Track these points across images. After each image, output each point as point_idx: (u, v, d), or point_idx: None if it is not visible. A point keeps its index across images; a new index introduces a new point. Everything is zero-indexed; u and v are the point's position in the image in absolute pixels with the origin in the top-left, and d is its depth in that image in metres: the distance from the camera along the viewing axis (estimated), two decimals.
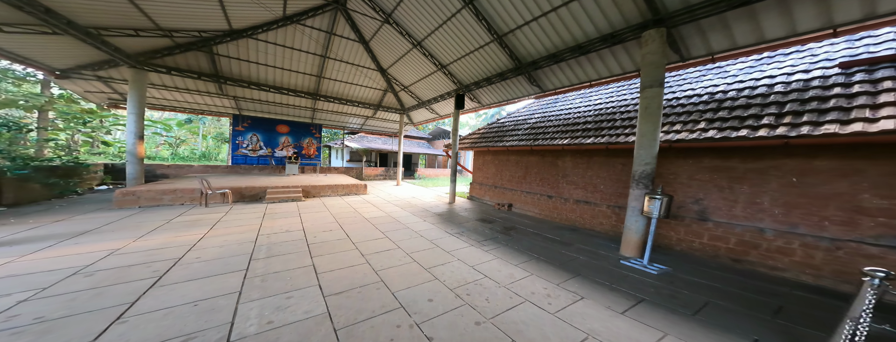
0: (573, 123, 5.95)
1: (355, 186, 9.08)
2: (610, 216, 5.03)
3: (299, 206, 6.74)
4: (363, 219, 5.80)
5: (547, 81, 6.37)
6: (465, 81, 8.07)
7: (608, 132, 4.95)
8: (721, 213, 3.72)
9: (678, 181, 4.15)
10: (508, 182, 7.56)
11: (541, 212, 6.43)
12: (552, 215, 6.15)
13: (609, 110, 5.70)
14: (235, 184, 7.44)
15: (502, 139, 7.39)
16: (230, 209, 5.96)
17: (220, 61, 7.88)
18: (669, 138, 3.87)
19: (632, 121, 4.90)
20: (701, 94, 4.44)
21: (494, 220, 6.08)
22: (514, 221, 6.02)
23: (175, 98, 9.36)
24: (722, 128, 3.55)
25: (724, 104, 3.92)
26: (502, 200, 7.68)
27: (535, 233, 5.13)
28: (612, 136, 4.74)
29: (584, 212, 5.46)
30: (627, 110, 5.31)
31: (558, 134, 5.85)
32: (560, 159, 6.03)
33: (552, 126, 6.37)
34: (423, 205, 7.77)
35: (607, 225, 5.08)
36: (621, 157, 4.87)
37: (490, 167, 8.41)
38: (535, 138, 6.27)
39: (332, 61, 9.22)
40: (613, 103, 5.94)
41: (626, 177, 4.80)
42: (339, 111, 12.62)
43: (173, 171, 9.50)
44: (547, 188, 6.31)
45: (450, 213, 6.73)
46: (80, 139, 19.77)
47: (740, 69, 4.55)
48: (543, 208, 6.39)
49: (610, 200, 5.05)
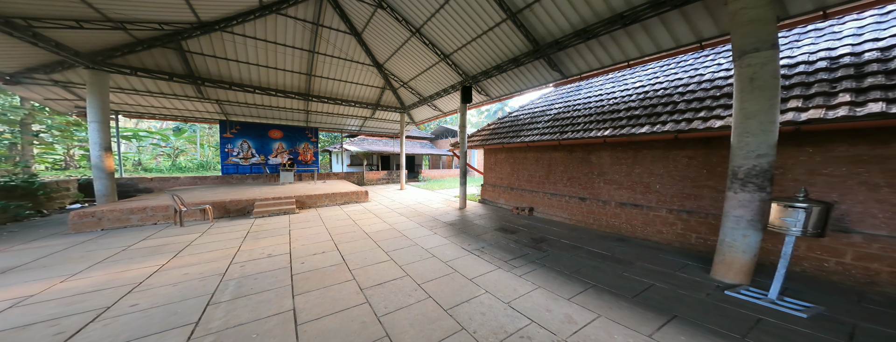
0: (611, 111, 4.97)
1: (355, 193, 8.22)
2: (672, 223, 4.03)
3: (291, 220, 5.89)
4: (363, 234, 4.92)
5: (571, 65, 5.42)
6: (472, 71, 7.15)
7: (669, 118, 3.92)
8: (877, 223, 2.68)
9: (789, 177, 3.12)
10: (527, 183, 6.62)
11: (571, 216, 5.49)
12: (587, 221, 5.21)
13: (660, 93, 4.66)
14: (219, 197, 6.61)
15: (518, 134, 6.45)
16: (209, 227, 5.12)
17: (193, 60, 7.05)
18: (791, 119, 2.80)
19: (701, 102, 3.87)
20: (813, 60, 3.32)
21: (517, 229, 5.16)
22: (542, 230, 5.09)
23: (151, 104, 8.57)
24: (886, 99, 2.45)
25: (865, 69, 2.82)
26: (521, 203, 6.74)
27: (573, 245, 4.20)
28: (678, 123, 3.73)
29: (633, 218, 4.51)
30: (688, 90, 4.30)
31: (593, 124, 4.90)
32: (593, 154, 5.08)
33: (582, 116, 5.42)
34: (432, 212, 6.87)
35: (669, 234, 4.08)
36: (688, 149, 3.88)
37: (504, 166, 7.48)
38: (562, 131, 5.33)
39: (322, 57, 8.37)
40: (664, 84, 4.88)
41: (695, 174, 3.83)
42: (335, 112, 11.78)
43: (157, 184, 8.75)
44: (578, 189, 5.37)
45: (463, 222, 5.82)
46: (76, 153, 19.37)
47: (861, 26, 3.39)
48: (574, 212, 5.45)
49: (671, 203, 4.06)
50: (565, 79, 5.73)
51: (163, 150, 22.91)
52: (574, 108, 6.01)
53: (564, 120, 5.73)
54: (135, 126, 23.18)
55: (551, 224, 5.51)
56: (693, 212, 3.84)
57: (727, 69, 4.22)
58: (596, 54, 4.87)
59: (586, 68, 5.25)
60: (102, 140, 5.86)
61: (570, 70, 5.52)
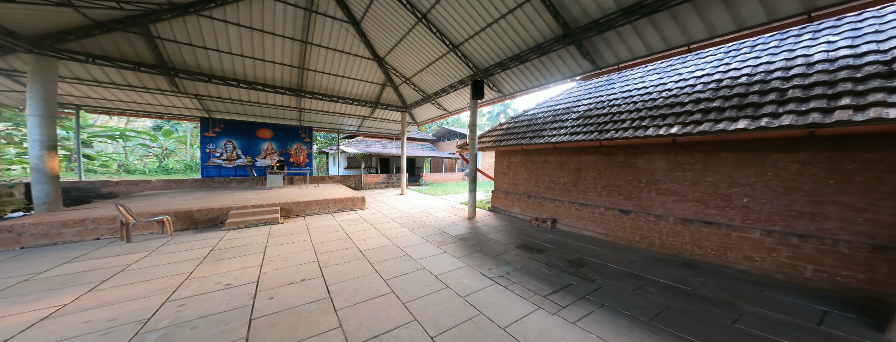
0: (670, 104, 4.02)
1: (351, 200, 7.26)
2: (772, 249, 3.05)
3: (271, 233, 4.92)
4: (357, 252, 3.97)
5: (607, 53, 4.57)
6: (484, 64, 6.35)
7: (782, 110, 2.82)
8: None
9: None
10: (549, 190, 5.72)
11: (607, 232, 4.57)
12: (631, 238, 4.27)
13: (745, 80, 3.56)
14: (186, 205, 5.62)
15: (540, 134, 5.58)
16: (163, 244, 4.13)
17: (165, 48, 6.15)
18: None
19: (832, 87, 2.76)
20: None
21: (544, 247, 4.24)
22: (575, 248, 4.17)
23: (119, 98, 7.61)
24: None
25: None
26: (541, 214, 5.82)
27: (628, 272, 3.27)
28: (801, 115, 2.68)
29: (704, 238, 3.53)
30: (796, 74, 3.16)
31: (646, 121, 3.98)
32: (640, 158, 4.19)
33: (626, 112, 4.52)
34: (437, 222, 5.94)
35: (766, 262, 3.09)
36: (801, 151, 2.88)
37: (519, 171, 6.60)
38: (601, 130, 4.44)
39: (316, 48, 7.54)
40: (745, 69, 3.76)
41: (812, 186, 2.84)
42: (331, 111, 10.91)
43: (124, 188, 7.73)
44: (618, 199, 4.46)
45: (475, 236, 4.90)
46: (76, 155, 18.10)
47: None
48: (612, 227, 4.53)
49: (769, 222, 3.07)
50: (597, 70, 4.88)
51: (151, 150, 21.80)
52: (611, 103, 5.11)
53: (600, 117, 4.84)
54: (123, 124, 22.11)
55: (582, 240, 4.60)
56: (809, 237, 2.85)
57: (850, 46, 3.12)
58: (645, 37, 4.02)
59: (628, 56, 4.37)
60: (45, 137, 4.89)
61: (605, 59, 4.67)
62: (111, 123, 22.42)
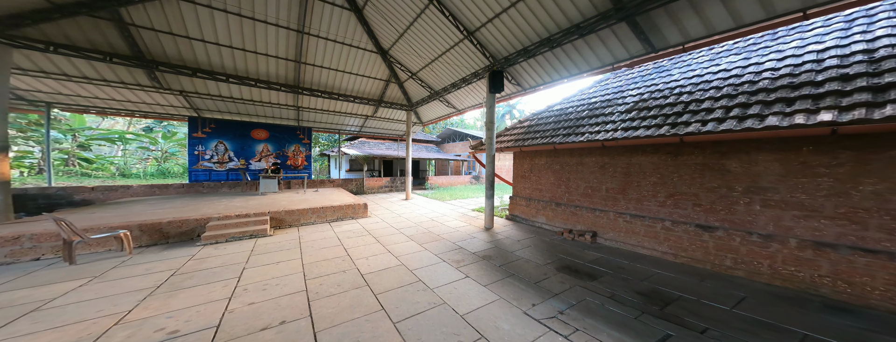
0: (781, 87, 2.99)
1: (351, 207, 6.44)
2: None
3: (255, 249, 4.10)
4: (357, 277, 3.13)
5: (671, 30, 3.57)
6: (504, 52, 5.55)
7: None
8: None
9: None
10: (585, 197, 4.83)
11: (677, 252, 3.60)
12: (717, 262, 3.27)
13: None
14: (156, 216, 4.83)
15: (576, 131, 4.70)
16: (116, 265, 3.32)
17: (141, 36, 5.43)
18: None
19: None
20: None
21: (595, 271, 3.34)
22: (638, 273, 3.26)
23: (94, 94, 6.90)
24: None
25: None
26: (574, 226, 4.92)
27: (753, 319, 2.32)
28: None
29: (862, 273, 2.50)
30: None
31: (754, 107, 2.93)
32: (733, 159, 3.20)
33: (708, 99, 3.50)
34: (451, 233, 5.09)
35: None
36: None
37: (545, 175, 5.73)
38: (674, 122, 3.45)
39: (314, 40, 6.83)
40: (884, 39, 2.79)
41: None
42: (331, 110, 10.18)
43: (100, 194, 6.99)
44: (695, 212, 3.48)
45: (500, 252, 4.03)
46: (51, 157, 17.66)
47: None
48: (684, 246, 3.54)
49: None
50: (650, 54, 3.94)
51: (151, 153, 21.30)
52: (676, 91, 4.09)
53: (664, 108, 3.87)
54: (125, 127, 21.65)
55: (642, 261, 3.66)
56: None
57: None
58: (732, 5, 3.06)
59: (701, 33, 3.40)
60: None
61: (665, 39, 3.73)
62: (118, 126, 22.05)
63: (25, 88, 6.26)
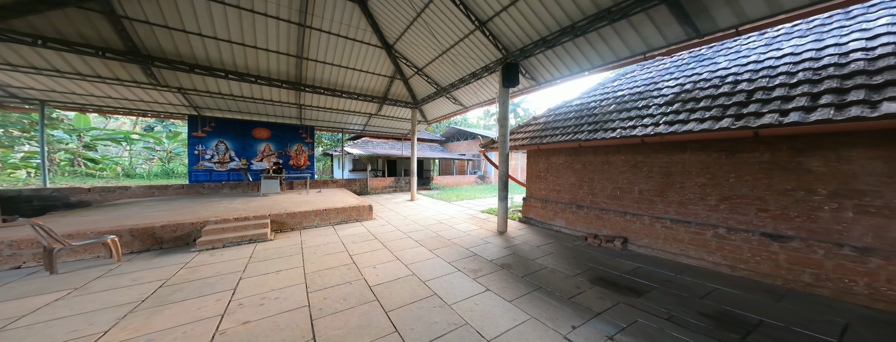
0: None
1: (356, 209, 6.13)
2: None
3: (254, 256, 3.79)
4: (365, 289, 2.80)
5: (723, 11, 3.10)
6: (519, 43, 5.17)
7: None
8: None
9: None
10: (613, 200, 4.41)
11: (734, 263, 3.14)
12: (791, 277, 2.80)
13: None
14: (149, 220, 4.55)
15: (603, 127, 4.27)
16: (102, 275, 3.03)
17: (135, 30, 5.15)
18: None
19: None
20: None
21: (638, 285, 2.96)
22: (691, 288, 2.87)
23: (89, 92, 6.64)
24: None
25: None
26: (600, 230, 4.52)
27: None
28: None
29: None
30: None
31: (853, 92, 2.40)
32: (815, 157, 2.70)
33: (779, 86, 2.99)
34: (462, 238, 4.74)
35: None
36: None
37: (564, 175, 5.34)
38: (738, 114, 2.95)
39: (316, 34, 6.51)
40: None
41: None
42: (334, 107, 9.88)
43: (97, 195, 6.76)
44: (760, 218, 3.00)
45: (520, 260, 3.67)
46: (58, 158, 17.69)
47: None
48: (744, 258, 3.07)
49: None
50: (694, 40, 3.48)
51: (156, 153, 21.28)
52: (729, 79, 3.54)
53: (720, 97, 3.33)
54: (131, 127, 21.65)
55: (690, 273, 3.24)
56: None
57: None
58: None
59: (765, 11, 2.91)
60: None
61: (715, 22, 3.25)
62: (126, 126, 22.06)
63: (18, 85, 6.03)
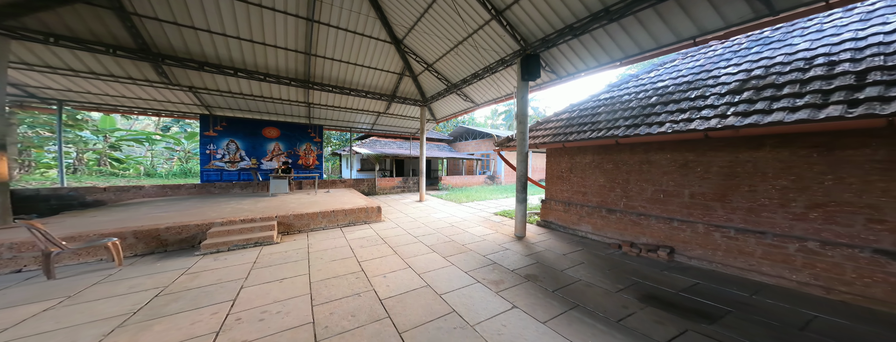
0: None
1: (364, 211, 5.88)
2: None
3: (258, 261, 3.57)
4: (375, 303, 2.49)
5: None
6: (540, 33, 4.75)
7: None
8: None
9: None
10: (653, 204, 3.89)
11: (828, 283, 2.57)
12: None
13: None
14: (152, 222, 4.43)
15: (645, 121, 3.74)
16: (100, 280, 2.86)
17: (144, 26, 5.07)
18: None
19: None
20: None
21: (707, 308, 2.47)
22: (786, 315, 2.35)
23: (104, 91, 6.70)
24: None
25: None
26: (637, 238, 4.03)
27: None
28: None
29: None
30: None
31: None
32: None
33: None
34: (478, 243, 4.37)
35: None
36: None
37: (592, 175, 4.87)
38: (844, 98, 2.41)
39: (324, 29, 6.31)
40: None
41: None
42: (343, 106, 9.71)
43: (112, 195, 6.83)
44: (874, 231, 2.45)
45: (546, 270, 3.27)
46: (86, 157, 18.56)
47: None
48: (845, 279, 2.45)
49: None
50: (767, 17, 2.91)
51: (175, 153, 22.02)
52: (818, 60, 2.95)
53: (812, 81, 2.74)
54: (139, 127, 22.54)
55: (767, 293, 2.71)
56: None
57: None
58: None
59: None
60: None
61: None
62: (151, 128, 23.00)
63: (36, 85, 6.14)
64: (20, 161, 12.80)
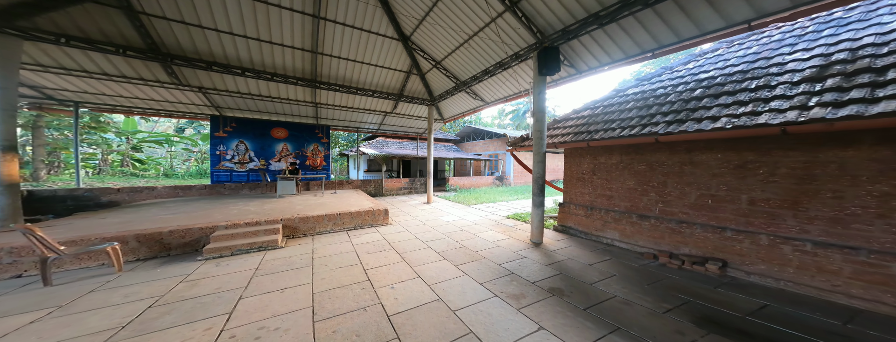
0: None
1: (371, 213, 5.66)
2: None
3: (261, 267, 3.39)
4: (382, 319, 2.22)
5: None
6: (560, 24, 4.39)
7: None
8: None
9: None
10: (699, 210, 3.39)
11: None
12: None
13: None
14: (155, 225, 4.33)
15: (690, 116, 3.27)
16: (96, 288, 2.72)
17: (153, 26, 5.03)
18: None
19: None
20: None
21: (793, 340, 2.08)
22: None
23: (118, 92, 6.76)
24: None
25: None
26: (678, 248, 3.56)
27: None
28: None
29: None
30: None
31: None
32: None
33: None
34: (491, 251, 4.05)
35: None
36: None
37: (619, 177, 4.45)
38: None
39: (331, 26, 6.15)
40: None
41: None
42: (350, 105, 9.59)
43: (126, 195, 6.91)
44: None
45: (572, 283, 2.91)
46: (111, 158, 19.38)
47: None
48: None
49: None
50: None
51: (192, 154, 22.72)
52: None
53: None
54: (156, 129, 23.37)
55: (863, 321, 2.19)
56: None
57: None
58: None
59: None
60: (0, 135, 3.86)
61: None
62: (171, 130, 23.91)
63: (53, 87, 6.26)
64: (48, 162, 13.40)
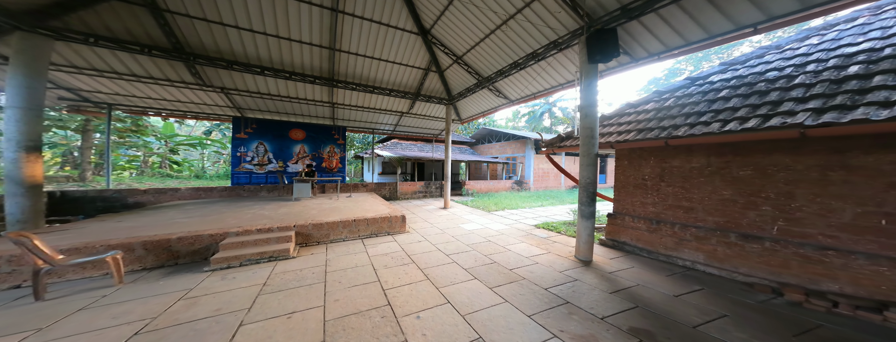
0: None
1: (387, 220, 5.18)
2: None
3: (269, 282, 2.97)
4: None
5: None
6: (617, 3, 3.68)
7: None
8: None
9: None
10: (858, 233, 2.35)
11: None
12: None
13: None
14: (164, 232, 4.10)
15: (853, 100, 2.29)
16: (89, 304, 2.40)
17: (177, 24, 4.96)
18: None
19: None
20: None
21: None
22: None
23: (147, 94, 6.87)
24: None
25: None
26: (814, 282, 2.59)
27: None
28: None
29: None
30: None
31: None
32: None
33: None
34: (529, 268, 3.37)
35: None
36: None
37: (704, 185, 3.52)
38: None
39: (348, 19, 5.85)
40: None
41: None
42: (366, 105, 9.33)
43: (151, 196, 7.00)
44: None
45: (664, 324, 2.18)
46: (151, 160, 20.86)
47: None
48: None
49: None
50: None
51: (222, 156, 23.97)
52: None
53: None
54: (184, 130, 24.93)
55: None
56: None
57: None
58: None
59: None
60: (24, 135, 3.81)
61: None
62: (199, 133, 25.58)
63: (88, 89, 6.49)
64: (95, 164, 14.48)
